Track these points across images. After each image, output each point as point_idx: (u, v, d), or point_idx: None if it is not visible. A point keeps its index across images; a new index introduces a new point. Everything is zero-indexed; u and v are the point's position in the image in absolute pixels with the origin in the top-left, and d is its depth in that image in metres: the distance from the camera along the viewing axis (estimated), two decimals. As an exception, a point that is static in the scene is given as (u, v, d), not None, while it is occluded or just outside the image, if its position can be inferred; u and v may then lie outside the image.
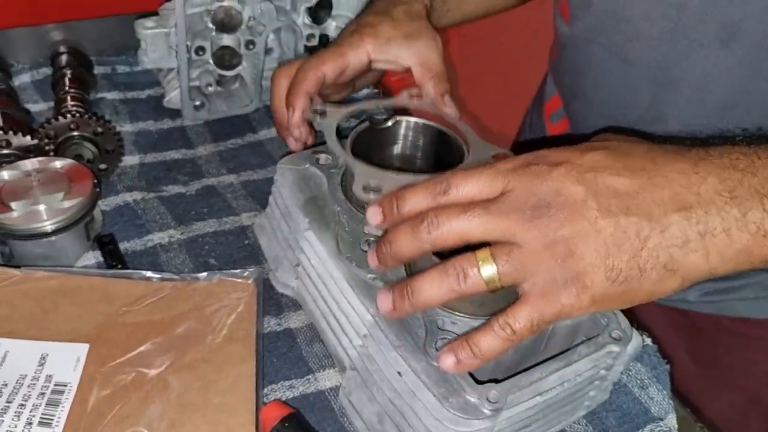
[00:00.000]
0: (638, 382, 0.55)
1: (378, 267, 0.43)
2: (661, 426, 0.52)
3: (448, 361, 0.41)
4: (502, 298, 0.46)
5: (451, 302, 0.46)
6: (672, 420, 0.53)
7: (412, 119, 0.56)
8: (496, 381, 0.43)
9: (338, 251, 0.50)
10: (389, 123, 0.56)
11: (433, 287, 0.40)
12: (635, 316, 0.57)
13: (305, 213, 0.54)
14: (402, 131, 0.57)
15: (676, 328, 0.73)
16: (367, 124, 0.55)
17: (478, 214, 0.39)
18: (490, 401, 0.42)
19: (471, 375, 0.43)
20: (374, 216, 0.43)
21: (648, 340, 0.57)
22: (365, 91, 0.84)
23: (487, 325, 0.40)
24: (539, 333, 0.40)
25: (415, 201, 0.41)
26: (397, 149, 0.58)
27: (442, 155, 0.56)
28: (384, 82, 0.87)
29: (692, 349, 0.74)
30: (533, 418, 0.46)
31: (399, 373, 0.44)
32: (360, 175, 0.48)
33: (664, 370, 0.56)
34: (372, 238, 0.51)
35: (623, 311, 0.49)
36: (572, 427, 0.51)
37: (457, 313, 0.46)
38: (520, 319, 0.39)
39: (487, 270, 0.39)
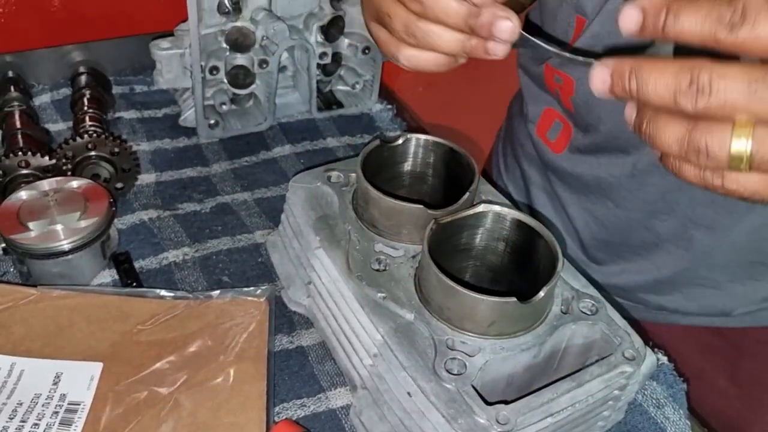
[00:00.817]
0: (654, 401, 0.54)
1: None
2: (677, 446, 0.52)
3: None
4: (512, 320, 0.45)
5: (460, 321, 0.45)
6: (689, 440, 0.52)
7: (422, 136, 0.56)
8: (506, 402, 0.43)
9: (349, 270, 0.51)
10: (400, 141, 0.56)
11: (667, 130, 0.34)
12: (666, 343, 0.56)
13: (316, 231, 0.54)
14: (412, 149, 0.57)
15: (714, 352, 0.71)
16: (377, 142, 0.55)
17: None
18: (499, 422, 0.41)
19: (480, 396, 0.43)
20: None
21: (664, 359, 0.57)
22: (378, 107, 0.84)
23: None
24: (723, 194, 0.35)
25: None
26: (407, 166, 0.58)
27: (452, 172, 0.56)
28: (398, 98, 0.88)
29: (732, 371, 0.71)
30: (545, 439, 0.45)
31: (408, 393, 0.44)
32: None
33: (681, 389, 0.55)
34: (382, 257, 0.51)
35: (638, 332, 0.48)
36: (586, 448, 0.51)
37: (467, 332, 0.46)
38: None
39: (740, 145, 0.32)
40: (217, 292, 0.56)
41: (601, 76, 0.35)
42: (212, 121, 0.76)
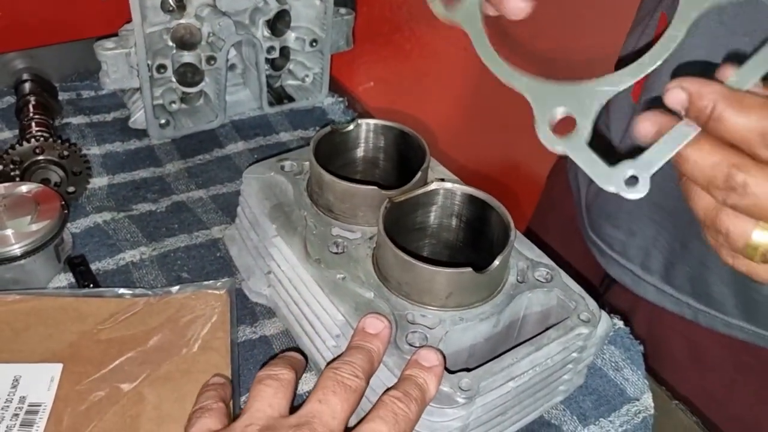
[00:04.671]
0: (613, 364, 0.56)
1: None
2: (637, 405, 0.53)
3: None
4: (469, 290, 0.46)
5: (419, 295, 0.46)
6: (648, 399, 0.54)
7: (372, 121, 0.57)
8: (468, 370, 0.43)
9: (306, 254, 0.51)
10: (351, 127, 0.57)
11: (699, 198, 0.35)
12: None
13: (272, 220, 0.54)
14: (363, 134, 0.57)
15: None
16: (328, 128, 0.56)
17: None
18: (462, 389, 0.42)
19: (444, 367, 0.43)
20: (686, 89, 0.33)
21: (620, 323, 0.58)
22: (330, 100, 0.85)
23: None
24: None
25: None
26: (359, 152, 0.58)
27: (404, 154, 0.57)
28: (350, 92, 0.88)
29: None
30: (509, 405, 0.46)
31: (372, 368, 0.45)
32: None
33: (638, 351, 0.57)
34: (340, 240, 0.52)
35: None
36: (550, 413, 0.52)
37: (427, 306, 0.46)
38: None
39: (759, 239, 0.34)
40: (177, 287, 0.56)
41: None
42: (163, 121, 0.75)
